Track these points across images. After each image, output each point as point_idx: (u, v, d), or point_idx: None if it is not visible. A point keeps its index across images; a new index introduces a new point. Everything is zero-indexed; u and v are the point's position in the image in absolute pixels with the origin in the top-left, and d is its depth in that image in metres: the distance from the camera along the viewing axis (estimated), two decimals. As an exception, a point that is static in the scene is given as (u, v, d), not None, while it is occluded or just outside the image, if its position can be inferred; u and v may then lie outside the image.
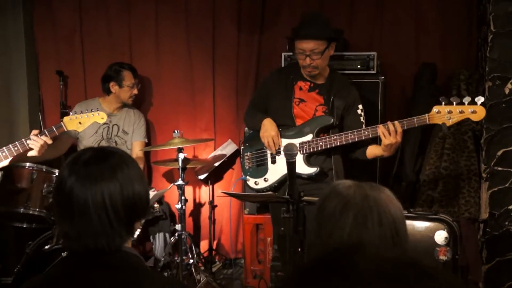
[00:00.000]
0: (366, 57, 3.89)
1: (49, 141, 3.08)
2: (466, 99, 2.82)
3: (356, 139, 3.04)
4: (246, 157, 3.43)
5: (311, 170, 3.18)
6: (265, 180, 3.32)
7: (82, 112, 4.05)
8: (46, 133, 3.06)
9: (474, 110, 2.81)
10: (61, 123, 3.14)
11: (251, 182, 3.37)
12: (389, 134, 2.90)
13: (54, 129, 3.09)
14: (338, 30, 4.05)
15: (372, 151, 3.14)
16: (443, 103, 2.85)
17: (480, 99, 2.79)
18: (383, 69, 3.99)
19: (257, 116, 3.37)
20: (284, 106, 3.27)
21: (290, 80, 3.28)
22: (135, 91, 4.15)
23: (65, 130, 3.15)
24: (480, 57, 3.95)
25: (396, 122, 2.92)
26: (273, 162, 3.30)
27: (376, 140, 3.18)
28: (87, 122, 3.18)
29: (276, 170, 3.28)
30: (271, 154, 3.31)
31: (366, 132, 3.02)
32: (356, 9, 4.29)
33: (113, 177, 1.44)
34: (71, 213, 1.44)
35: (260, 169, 3.36)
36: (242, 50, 4.45)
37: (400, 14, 4.24)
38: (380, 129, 2.93)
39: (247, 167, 3.42)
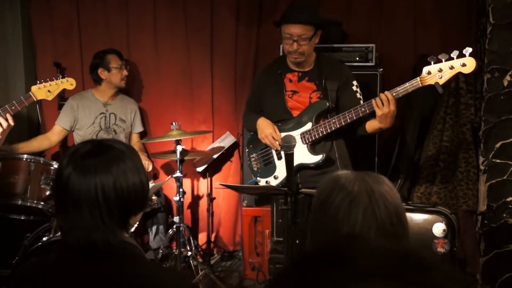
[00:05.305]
0: (364, 49, 3.88)
1: (11, 123, 3.03)
2: (454, 53, 2.76)
3: (355, 117, 3.00)
4: (253, 159, 3.42)
5: (317, 158, 3.16)
6: (275, 177, 3.31)
7: (78, 106, 4.04)
8: (8, 109, 3.03)
9: (464, 63, 2.76)
10: (30, 93, 3.11)
11: (262, 182, 3.35)
12: (382, 105, 2.87)
13: (23, 99, 3.06)
14: (336, 22, 4.05)
15: (371, 125, 3.09)
16: (432, 62, 2.81)
17: (468, 50, 2.75)
18: (381, 61, 3.99)
19: (252, 117, 3.37)
20: (278, 102, 3.26)
21: (278, 75, 3.28)
22: (125, 72, 4.12)
23: (35, 100, 3.11)
24: (479, 49, 3.94)
25: (386, 92, 2.89)
26: (279, 158, 3.28)
27: (375, 115, 3.14)
28: (56, 90, 3.13)
29: (284, 166, 3.26)
30: (276, 150, 3.29)
31: (363, 109, 2.98)
32: (355, 0, 4.27)
33: (107, 171, 1.42)
34: (66, 205, 1.44)
35: (268, 167, 3.35)
36: (240, 42, 4.43)
37: (399, 6, 4.22)
38: (374, 102, 2.91)
39: (255, 169, 3.41)
